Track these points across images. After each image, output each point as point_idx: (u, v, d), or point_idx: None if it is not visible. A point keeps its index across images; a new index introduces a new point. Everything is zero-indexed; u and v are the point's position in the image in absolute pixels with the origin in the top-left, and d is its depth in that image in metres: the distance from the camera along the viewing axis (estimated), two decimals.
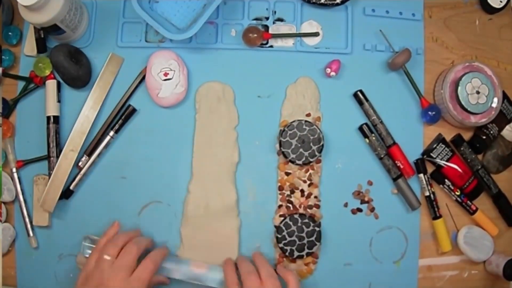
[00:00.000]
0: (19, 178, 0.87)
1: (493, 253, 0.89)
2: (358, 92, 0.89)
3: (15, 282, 0.87)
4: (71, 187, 0.87)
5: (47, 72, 0.88)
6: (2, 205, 0.86)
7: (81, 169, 0.87)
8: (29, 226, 0.86)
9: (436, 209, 0.89)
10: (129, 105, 0.88)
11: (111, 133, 0.87)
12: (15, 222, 0.87)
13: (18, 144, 0.89)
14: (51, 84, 0.87)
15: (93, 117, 0.87)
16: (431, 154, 0.89)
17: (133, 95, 0.89)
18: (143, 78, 0.88)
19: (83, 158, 0.87)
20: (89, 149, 0.87)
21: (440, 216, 0.89)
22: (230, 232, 0.86)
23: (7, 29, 0.90)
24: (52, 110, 0.87)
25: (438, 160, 0.89)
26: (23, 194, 0.87)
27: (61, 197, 0.86)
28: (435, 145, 0.89)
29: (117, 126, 0.88)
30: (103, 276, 0.74)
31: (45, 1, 0.77)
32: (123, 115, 0.88)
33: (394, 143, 0.89)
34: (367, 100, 0.89)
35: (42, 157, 0.87)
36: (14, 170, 0.87)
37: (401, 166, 0.88)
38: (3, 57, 0.89)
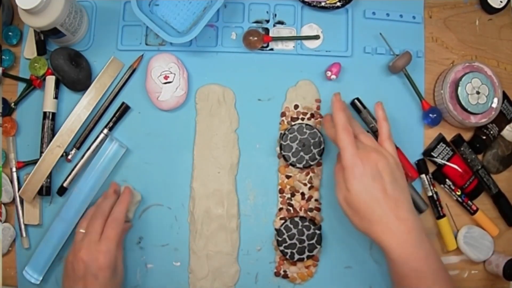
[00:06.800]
0: (18, 178, 0.87)
1: (493, 253, 0.90)
2: (356, 101, 0.89)
3: (15, 282, 0.87)
4: (64, 185, 0.87)
5: (42, 72, 0.88)
6: (2, 205, 0.87)
7: (70, 161, 0.87)
8: (23, 227, 0.87)
9: (439, 208, 0.89)
10: (123, 103, 0.88)
11: (105, 130, 0.87)
12: (15, 222, 0.87)
13: (19, 145, 0.89)
14: (50, 80, 0.87)
15: (85, 117, 0.87)
16: (432, 153, 0.90)
17: (123, 90, 0.89)
18: (133, 71, 0.89)
19: (72, 151, 0.87)
20: (78, 143, 0.88)
21: (444, 215, 0.89)
22: (230, 234, 0.86)
23: (7, 29, 0.90)
24: (48, 106, 0.87)
25: (439, 160, 0.90)
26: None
27: (55, 194, 0.87)
28: (436, 145, 0.90)
29: (111, 124, 0.88)
30: (75, 248, 0.78)
31: (45, 5, 0.77)
32: (116, 113, 0.88)
33: (396, 147, 0.88)
34: (364, 107, 0.89)
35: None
36: (14, 170, 0.87)
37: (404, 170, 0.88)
38: (3, 57, 0.89)
